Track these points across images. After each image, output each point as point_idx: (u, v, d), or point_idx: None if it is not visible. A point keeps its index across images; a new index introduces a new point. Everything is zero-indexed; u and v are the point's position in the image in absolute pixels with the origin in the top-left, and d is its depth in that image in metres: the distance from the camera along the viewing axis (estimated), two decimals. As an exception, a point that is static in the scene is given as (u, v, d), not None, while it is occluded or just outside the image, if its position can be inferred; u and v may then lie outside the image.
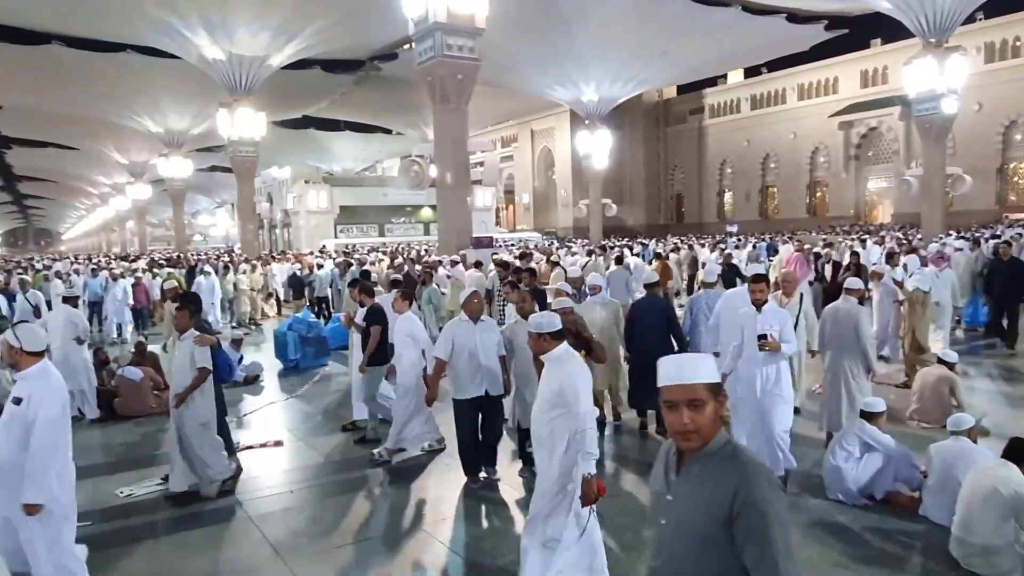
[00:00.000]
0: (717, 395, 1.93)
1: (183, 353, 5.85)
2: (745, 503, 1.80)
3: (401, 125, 44.14)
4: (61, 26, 26.90)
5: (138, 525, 5.44)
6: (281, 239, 51.23)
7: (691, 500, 1.91)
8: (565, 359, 4.04)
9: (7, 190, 75.65)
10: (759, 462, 1.93)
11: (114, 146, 44.76)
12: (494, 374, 5.82)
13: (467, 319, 5.84)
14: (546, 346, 4.06)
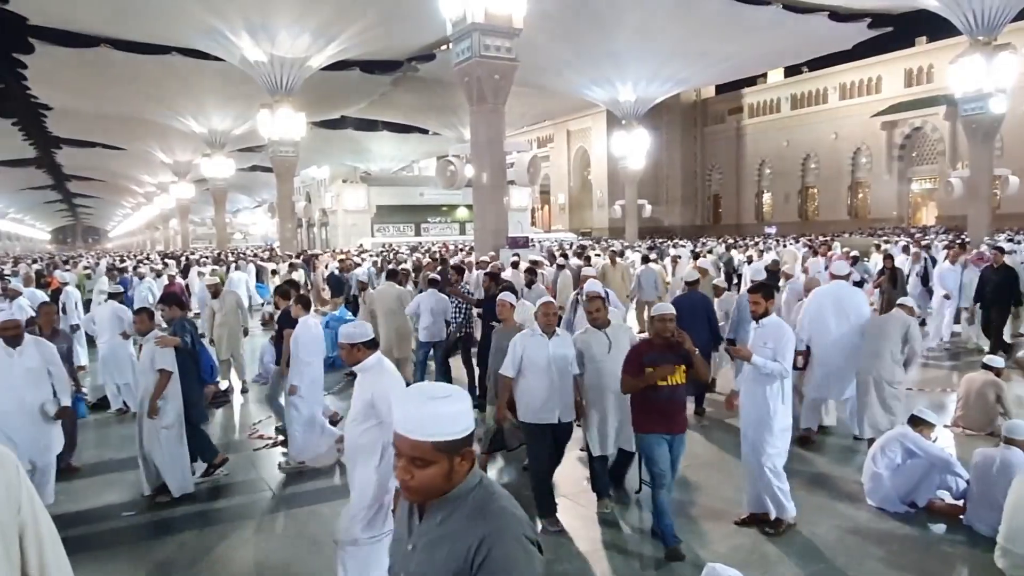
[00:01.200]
0: (458, 451, 1.65)
1: (145, 355, 5.83)
2: (485, 561, 1.57)
3: (438, 125, 44.43)
4: (110, 29, 27.65)
5: (183, 515, 5.57)
6: (319, 238, 51.94)
7: (430, 552, 1.67)
8: (378, 369, 3.95)
9: (57, 189, 77.94)
10: (513, 513, 1.67)
11: (159, 146, 45.84)
12: (567, 398, 5.08)
13: (540, 332, 5.08)
14: (359, 356, 3.96)
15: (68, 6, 25.20)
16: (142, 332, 6.05)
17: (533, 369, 4.99)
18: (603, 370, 5.12)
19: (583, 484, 5.75)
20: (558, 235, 46.67)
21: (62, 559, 2.22)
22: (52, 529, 2.18)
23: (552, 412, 5.01)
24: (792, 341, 4.88)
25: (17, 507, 2.12)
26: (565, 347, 5.09)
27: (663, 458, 4.56)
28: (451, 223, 50.72)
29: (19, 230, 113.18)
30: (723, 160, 59.73)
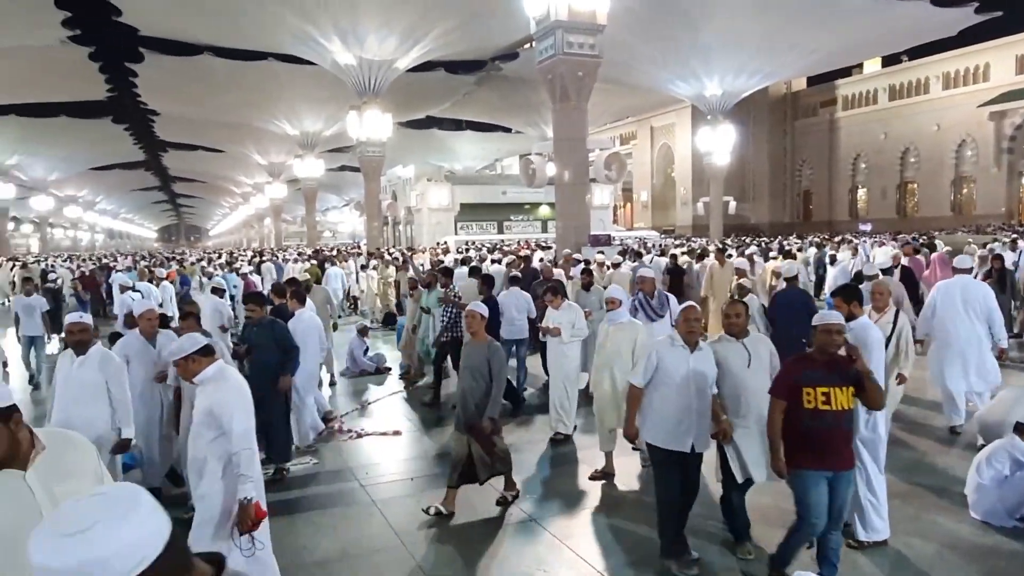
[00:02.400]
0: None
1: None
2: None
3: (520, 124, 44.62)
4: (212, 38, 29.13)
5: (275, 502, 5.83)
6: (404, 235, 53.06)
7: None
8: (218, 378, 3.77)
9: (163, 190, 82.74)
10: None
11: (255, 148, 47.97)
12: (705, 423, 4.38)
13: (680, 343, 4.40)
14: (196, 368, 3.75)
15: (175, 17, 26.71)
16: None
17: (668, 384, 4.34)
18: (742, 386, 4.40)
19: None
20: (640, 233, 46.09)
21: None
22: None
23: (685, 437, 4.33)
24: (879, 343, 4.74)
25: None
26: (707, 363, 4.38)
27: (819, 504, 3.83)
28: (533, 221, 50.78)
29: (129, 229, 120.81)
30: (814, 154, 57.48)
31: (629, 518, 5.31)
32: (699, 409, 4.32)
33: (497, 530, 5.21)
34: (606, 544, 4.94)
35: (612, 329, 6.14)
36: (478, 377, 5.34)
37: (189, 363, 3.78)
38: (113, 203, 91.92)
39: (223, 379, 3.81)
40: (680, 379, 4.31)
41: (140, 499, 1.11)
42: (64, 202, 70.64)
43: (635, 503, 5.63)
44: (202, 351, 3.81)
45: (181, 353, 3.80)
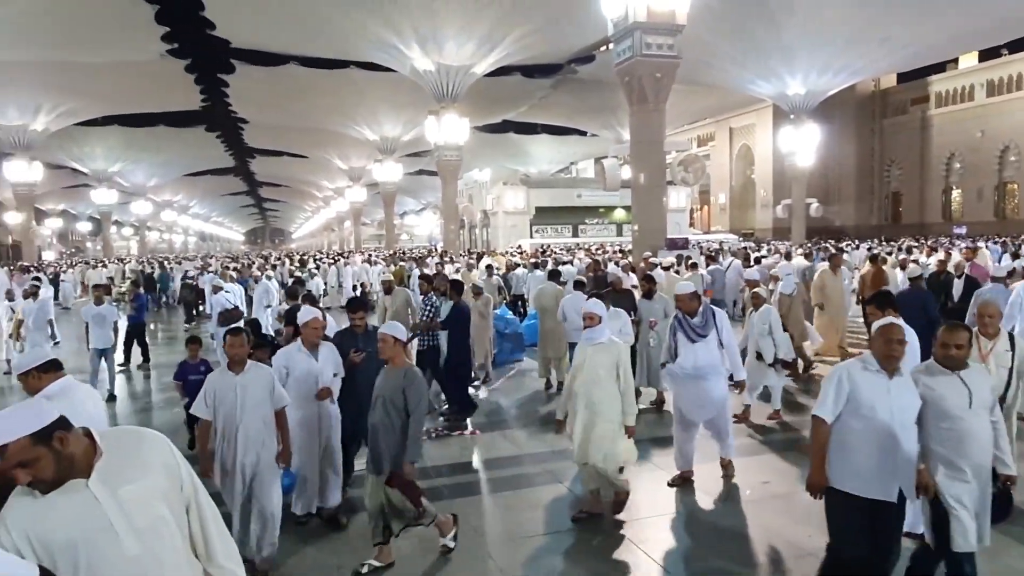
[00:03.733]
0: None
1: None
2: None
3: (596, 127, 44.44)
4: (298, 48, 30.24)
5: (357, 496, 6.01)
6: (480, 239, 53.65)
7: None
8: (61, 396, 3.38)
9: (250, 194, 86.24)
10: None
11: (336, 153, 49.47)
12: (910, 467, 3.62)
13: (877, 367, 3.65)
14: (39, 384, 3.48)
15: (264, 29, 27.88)
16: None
17: (866, 417, 3.60)
18: (964, 432, 3.63)
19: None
20: (718, 236, 45.16)
21: (223, 529, 2.40)
22: (211, 503, 2.35)
23: (890, 483, 3.60)
24: (915, 348, 4.67)
25: (179, 485, 2.28)
26: (910, 393, 3.64)
27: None
28: (608, 224, 50.53)
29: (219, 231, 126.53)
30: (904, 154, 54.99)
31: (720, 530, 5.26)
32: (906, 448, 3.60)
33: (584, 542, 5.25)
34: (683, 552, 4.92)
35: (590, 350, 5.29)
36: (391, 411, 4.50)
37: (30, 379, 3.54)
38: (205, 207, 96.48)
39: (67, 395, 3.47)
40: (880, 411, 3.58)
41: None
42: (161, 206, 74.64)
43: (724, 517, 5.57)
44: (45, 367, 3.58)
45: (20, 369, 3.59)
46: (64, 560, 2.03)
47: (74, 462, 2.07)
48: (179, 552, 2.21)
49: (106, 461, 2.14)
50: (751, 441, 7.38)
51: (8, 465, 1.99)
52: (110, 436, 2.23)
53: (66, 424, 2.09)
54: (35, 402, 2.18)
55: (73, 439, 2.08)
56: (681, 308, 6.07)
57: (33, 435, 1.99)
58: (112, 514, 2.07)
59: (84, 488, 2.08)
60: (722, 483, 6.09)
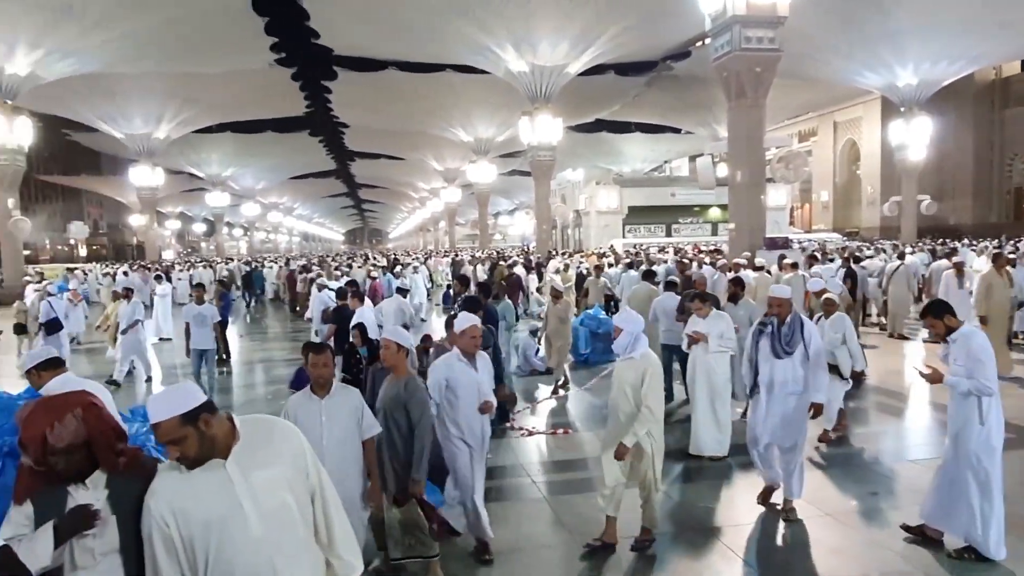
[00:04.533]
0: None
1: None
2: None
3: (691, 124, 43.59)
4: (396, 54, 31.17)
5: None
6: (572, 238, 53.64)
7: None
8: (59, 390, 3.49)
9: (350, 196, 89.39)
10: None
11: (432, 155, 50.61)
12: None
13: None
14: (41, 381, 3.57)
15: (364, 36, 28.89)
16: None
17: None
18: None
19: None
20: (820, 235, 43.36)
21: (344, 521, 2.51)
22: (334, 494, 2.48)
23: None
24: (988, 352, 4.47)
25: (305, 474, 2.39)
26: None
27: None
28: (703, 223, 49.43)
29: (320, 232, 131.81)
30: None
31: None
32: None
33: (679, 546, 5.24)
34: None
35: (619, 365, 4.86)
36: (392, 426, 4.26)
37: (31, 376, 3.73)
38: (308, 209, 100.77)
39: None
40: None
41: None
42: (267, 208, 78.47)
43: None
44: (44, 365, 3.75)
45: (24, 368, 3.81)
46: (199, 532, 2.20)
47: (216, 443, 2.23)
48: (299, 539, 2.32)
49: (242, 445, 2.29)
50: (844, 451, 7.09)
51: (160, 441, 2.20)
52: (248, 422, 2.38)
53: (211, 407, 2.26)
54: (186, 385, 2.33)
55: (216, 422, 2.25)
56: (775, 313, 5.43)
57: (182, 415, 2.17)
58: (243, 496, 2.22)
59: (222, 468, 2.24)
60: (783, 525, 5.26)
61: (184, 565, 2.22)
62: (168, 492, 2.23)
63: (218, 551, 2.20)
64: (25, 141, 27.11)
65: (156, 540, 2.21)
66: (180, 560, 2.22)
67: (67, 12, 23.10)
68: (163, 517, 2.21)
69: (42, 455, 2.30)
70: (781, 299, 5.45)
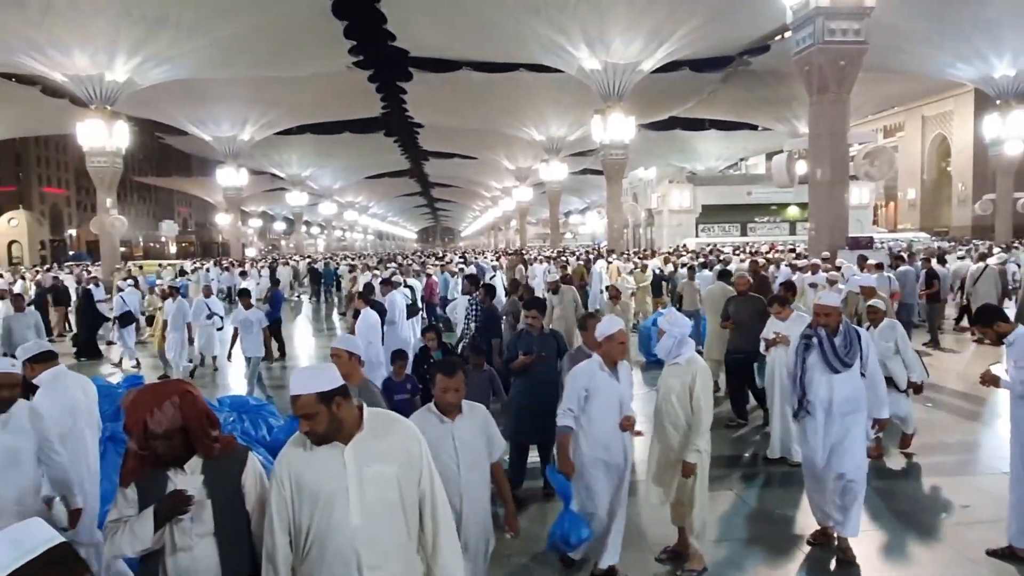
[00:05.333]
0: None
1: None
2: None
3: (768, 120, 42.46)
4: (470, 54, 31.53)
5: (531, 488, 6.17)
6: (644, 237, 53.08)
7: None
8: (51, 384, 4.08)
9: (423, 195, 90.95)
10: None
11: (504, 154, 50.94)
12: None
13: None
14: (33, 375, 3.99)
15: (440, 38, 29.34)
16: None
17: None
18: None
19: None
20: (906, 235, 41.51)
21: (451, 531, 2.56)
22: (446, 503, 2.54)
23: None
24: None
25: (418, 478, 2.47)
26: None
27: None
28: (780, 223, 48.10)
29: (394, 230, 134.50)
30: None
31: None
32: None
33: (763, 551, 5.14)
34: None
35: (666, 371, 4.62)
36: None
37: (26, 369, 4.00)
38: (382, 208, 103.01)
39: (55, 384, 4.11)
40: None
41: None
42: (344, 207, 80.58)
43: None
44: (37, 358, 4.11)
45: (20, 359, 4.02)
46: (306, 504, 2.36)
47: (342, 426, 2.38)
48: (397, 538, 2.41)
49: (364, 435, 2.42)
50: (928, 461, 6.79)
51: (296, 413, 2.38)
52: (376, 416, 2.50)
53: (346, 392, 2.41)
54: (326, 367, 2.48)
55: (347, 407, 2.40)
56: (822, 323, 4.77)
57: (320, 394, 2.34)
58: (351, 483, 2.34)
59: (340, 452, 2.38)
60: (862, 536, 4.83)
61: (291, 523, 2.39)
62: (291, 458, 2.42)
63: (318, 526, 2.34)
64: (122, 144, 28.67)
65: (274, 499, 2.40)
66: (289, 518, 2.39)
67: (162, 22, 24.33)
68: (281, 479, 2.39)
69: (144, 440, 2.46)
70: (830, 307, 4.81)
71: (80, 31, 23.98)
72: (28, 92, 33.19)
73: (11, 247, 58.20)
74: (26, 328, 10.35)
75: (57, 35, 23.96)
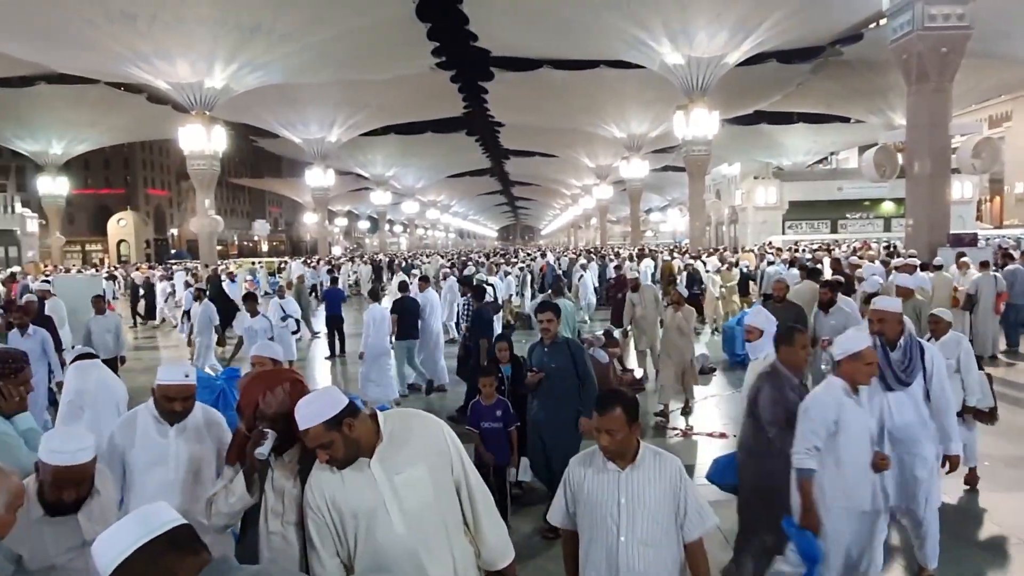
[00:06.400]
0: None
1: None
2: None
3: (861, 112, 40.67)
4: (550, 52, 31.57)
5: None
6: (727, 235, 51.81)
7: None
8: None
9: (503, 193, 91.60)
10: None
11: (584, 152, 50.74)
12: None
13: None
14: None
15: (520, 37, 29.51)
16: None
17: None
18: None
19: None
20: (1014, 231, 38.97)
21: (491, 508, 2.58)
22: (481, 483, 2.55)
23: None
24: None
25: (450, 468, 2.47)
26: None
27: None
28: (873, 219, 46.00)
29: (475, 228, 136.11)
30: None
31: None
32: None
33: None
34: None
35: (750, 368, 4.51)
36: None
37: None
38: (463, 206, 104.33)
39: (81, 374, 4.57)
40: None
41: None
42: (426, 206, 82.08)
43: None
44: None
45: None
46: (349, 526, 2.37)
47: (360, 445, 2.35)
48: (445, 532, 2.43)
49: (386, 445, 2.39)
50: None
51: (310, 446, 2.36)
52: (390, 419, 2.47)
53: (353, 411, 2.35)
54: (325, 392, 2.41)
55: (359, 424, 2.35)
56: (881, 332, 4.09)
57: (326, 422, 2.28)
58: (386, 496, 2.34)
59: (367, 468, 2.36)
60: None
61: (338, 545, 2.40)
62: (322, 484, 2.40)
63: (366, 542, 2.36)
64: (220, 147, 30.10)
65: (309, 524, 2.41)
66: (335, 541, 2.40)
67: (256, 30, 25.42)
68: (317, 506, 2.39)
69: (252, 420, 2.57)
70: (887, 313, 4.10)
71: (183, 41, 25.33)
72: (135, 100, 35.44)
73: (120, 246, 62.68)
74: (106, 332, 9.77)
75: (162, 45, 25.38)
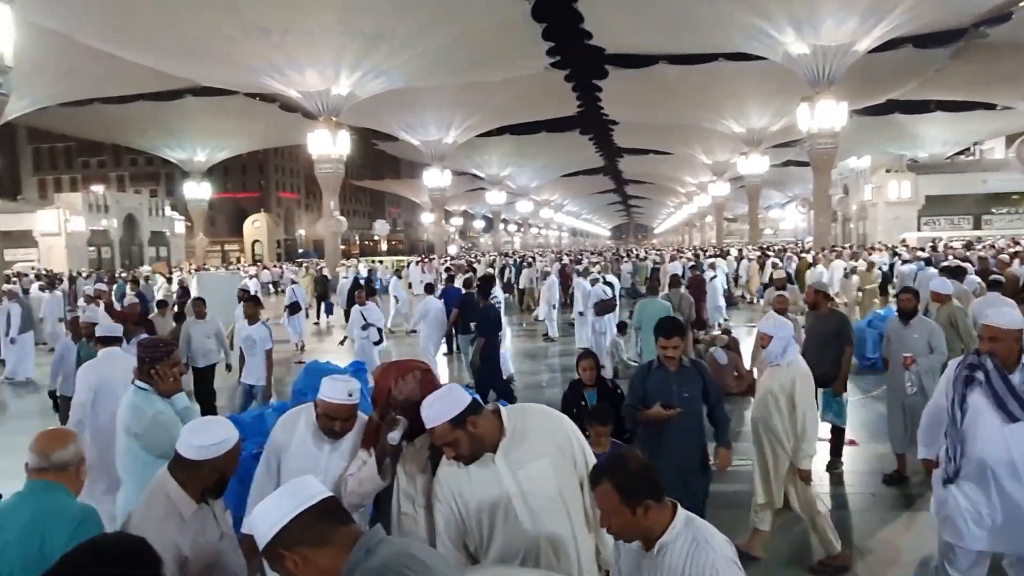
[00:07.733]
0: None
1: None
2: None
3: (1009, 98, 37.48)
4: (666, 47, 31.03)
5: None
6: (855, 232, 49.12)
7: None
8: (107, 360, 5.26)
9: (617, 192, 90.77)
10: None
11: (701, 148, 49.52)
12: None
13: None
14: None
15: (635, 33, 29.17)
16: None
17: None
18: None
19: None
20: None
21: None
22: None
23: None
24: None
25: (573, 463, 2.52)
26: None
27: None
28: (1023, 214, 42.32)
29: (588, 227, 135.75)
30: None
31: None
32: None
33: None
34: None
35: (766, 374, 4.58)
36: None
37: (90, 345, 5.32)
38: (577, 205, 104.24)
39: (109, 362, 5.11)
40: None
41: None
42: (540, 205, 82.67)
43: None
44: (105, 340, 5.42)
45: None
46: (475, 520, 2.48)
47: (484, 441, 2.42)
48: (569, 529, 2.49)
49: (509, 439, 2.45)
50: None
51: (436, 444, 2.48)
52: (514, 414, 2.54)
53: (476, 408, 2.42)
54: (448, 391, 2.48)
55: (482, 420, 2.42)
56: (988, 349, 3.41)
57: (451, 421, 2.37)
58: (511, 491, 2.41)
59: (491, 463, 2.44)
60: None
61: (466, 537, 2.51)
62: (449, 479, 2.52)
63: (492, 532, 2.46)
64: (344, 151, 31.66)
65: (437, 515, 2.54)
66: (464, 531, 2.50)
67: (378, 37, 26.52)
68: (445, 499, 2.52)
69: (385, 407, 2.73)
70: (1001, 328, 3.37)
71: (311, 51, 26.82)
72: (269, 108, 37.89)
73: (254, 245, 67.66)
74: (206, 337, 8.92)
75: (294, 56, 26.98)
